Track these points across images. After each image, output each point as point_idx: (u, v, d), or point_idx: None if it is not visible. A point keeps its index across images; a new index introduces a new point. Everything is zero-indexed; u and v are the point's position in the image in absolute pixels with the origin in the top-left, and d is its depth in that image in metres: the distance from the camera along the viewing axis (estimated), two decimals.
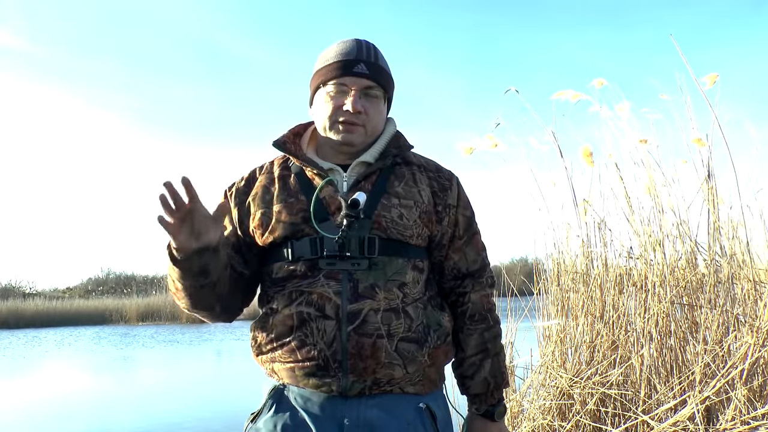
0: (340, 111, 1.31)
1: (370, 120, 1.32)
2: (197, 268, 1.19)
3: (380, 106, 1.35)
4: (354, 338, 1.20)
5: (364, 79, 1.31)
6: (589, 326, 3.06)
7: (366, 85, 1.31)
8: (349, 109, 1.29)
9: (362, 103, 1.31)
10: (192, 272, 1.20)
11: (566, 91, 3.26)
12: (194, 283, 1.22)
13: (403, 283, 1.26)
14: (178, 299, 1.29)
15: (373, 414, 1.22)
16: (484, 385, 1.37)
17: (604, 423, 2.75)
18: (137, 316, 21.11)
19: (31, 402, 6.89)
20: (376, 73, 1.33)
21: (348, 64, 1.31)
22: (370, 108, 1.32)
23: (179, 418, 5.67)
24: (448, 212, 1.36)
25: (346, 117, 1.30)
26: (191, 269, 1.19)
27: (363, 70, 1.31)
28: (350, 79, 1.30)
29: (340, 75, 1.31)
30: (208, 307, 1.30)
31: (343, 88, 1.31)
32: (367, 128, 1.33)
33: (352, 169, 1.33)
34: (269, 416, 1.25)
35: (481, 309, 1.38)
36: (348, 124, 1.31)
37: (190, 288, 1.23)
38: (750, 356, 2.49)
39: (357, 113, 1.30)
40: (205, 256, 1.17)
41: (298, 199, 1.29)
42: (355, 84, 1.30)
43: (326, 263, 1.23)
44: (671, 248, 3.02)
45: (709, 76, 3.05)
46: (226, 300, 1.31)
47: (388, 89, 1.36)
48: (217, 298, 1.28)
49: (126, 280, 28.54)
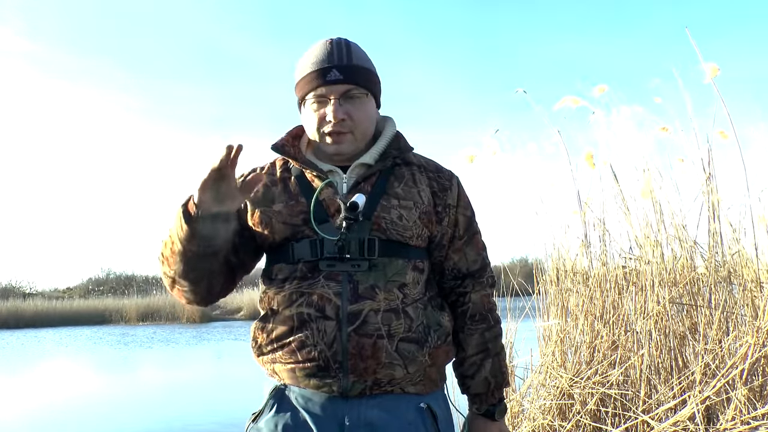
0: (324, 122, 1.30)
1: (357, 124, 1.31)
2: (207, 231, 1.18)
3: (365, 106, 1.32)
4: (354, 339, 1.20)
5: (340, 84, 1.29)
6: (589, 326, 3.07)
7: (343, 90, 1.29)
8: (331, 119, 1.28)
9: (345, 108, 1.29)
10: (200, 235, 1.18)
11: (567, 99, 3.26)
12: (197, 248, 1.20)
13: (404, 283, 1.26)
14: (170, 265, 1.26)
15: (373, 414, 1.22)
16: (484, 385, 1.37)
17: (604, 423, 2.76)
18: (137, 316, 21.12)
19: (30, 402, 6.89)
20: (352, 74, 1.30)
21: (321, 73, 1.29)
22: (354, 111, 1.30)
23: (179, 419, 5.67)
24: (448, 212, 1.36)
25: (332, 128, 1.29)
26: (201, 231, 1.17)
27: (336, 76, 1.28)
28: (326, 88, 1.28)
29: (316, 86, 1.29)
30: (197, 278, 1.28)
31: (322, 98, 1.29)
32: (356, 133, 1.31)
33: (352, 171, 1.33)
34: (270, 416, 1.26)
35: (482, 309, 1.38)
36: (335, 134, 1.30)
37: (190, 252, 1.22)
38: (750, 356, 2.49)
39: (341, 121, 1.28)
40: (218, 222, 1.17)
41: (298, 201, 1.29)
42: (332, 92, 1.28)
43: (326, 265, 1.23)
44: (670, 248, 3.03)
45: (710, 66, 2.95)
46: (215, 277, 1.30)
47: (369, 86, 1.33)
48: (210, 272, 1.27)
49: (126, 280, 28.53)
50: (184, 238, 1.19)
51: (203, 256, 1.23)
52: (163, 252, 1.28)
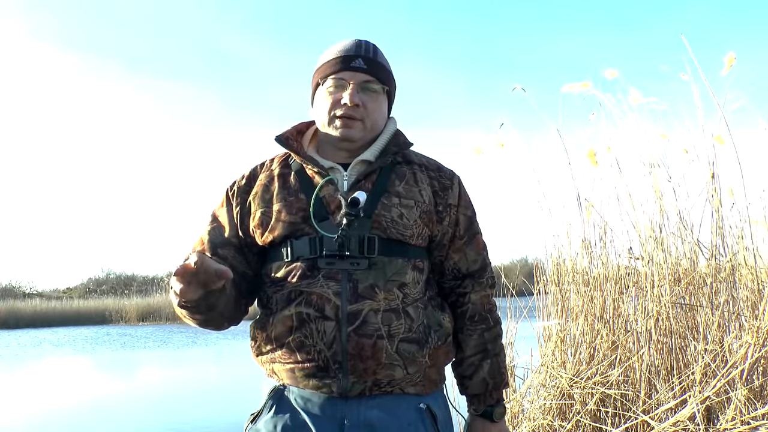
0: (338, 105, 1.31)
1: (369, 114, 1.32)
2: (204, 308, 1.21)
3: (379, 100, 1.35)
4: (354, 339, 1.19)
5: (362, 73, 1.31)
6: (589, 326, 3.06)
7: (364, 80, 1.32)
8: (347, 102, 1.29)
9: (361, 97, 1.31)
10: (199, 310, 1.21)
11: (575, 84, 3.23)
12: (201, 317, 1.25)
13: (403, 283, 1.25)
14: (187, 321, 1.30)
15: (373, 414, 1.22)
16: (482, 386, 1.37)
17: (604, 423, 2.75)
18: (137, 316, 21.11)
19: (30, 402, 6.89)
20: (374, 67, 1.33)
21: (346, 59, 1.32)
22: (368, 102, 1.32)
23: (178, 419, 5.67)
24: (449, 212, 1.36)
25: (345, 111, 1.30)
26: (198, 309, 1.21)
27: (360, 64, 1.32)
28: (348, 73, 1.31)
29: (338, 70, 1.31)
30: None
31: (342, 82, 1.31)
32: (366, 123, 1.32)
33: (353, 168, 1.32)
34: (269, 417, 1.25)
35: (482, 309, 1.38)
36: (346, 118, 1.31)
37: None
38: (750, 356, 2.48)
39: (355, 106, 1.30)
40: (211, 297, 1.18)
41: (298, 198, 1.29)
42: (353, 78, 1.31)
43: (325, 263, 1.23)
44: (673, 248, 3.02)
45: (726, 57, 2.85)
46: (233, 315, 1.34)
47: (387, 84, 1.36)
48: (225, 318, 1.31)
49: (126, 280, 28.51)
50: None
51: (212, 317, 1.26)
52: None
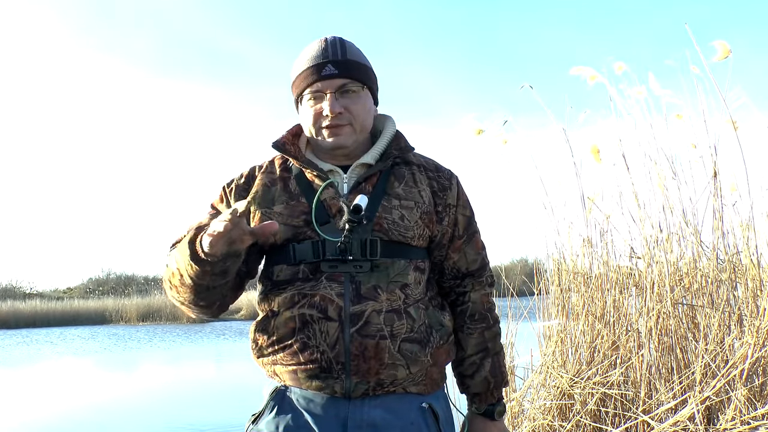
0: (320, 117, 1.30)
1: (355, 117, 1.31)
2: (219, 270, 1.16)
3: (362, 99, 1.33)
4: (357, 340, 1.20)
5: (336, 78, 1.29)
6: (589, 326, 3.06)
7: (339, 85, 1.29)
8: (327, 113, 1.28)
9: (341, 102, 1.29)
10: (213, 272, 1.17)
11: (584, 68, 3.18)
12: (210, 282, 1.19)
13: (405, 284, 1.26)
14: (179, 293, 1.24)
15: (376, 414, 1.22)
16: (484, 385, 1.38)
17: (604, 423, 2.75)
18: (137, 316, 21.13)
19: (29, 402, 6.89)
20: (347, 68, 1.30)
21: (316, 69, 1.30)
22: (351, 104, 1.30)
23: (178, 419, 5.67)
24: (448, 212, 1.36)
25: (329, 121, 1.29)
26: (213, 270, 1.16)
27: (331, 71, 1.29)
28: (322, 83, 1.29)
29: (312, 82, 1.30)
30: (209, 303, 1.27)
31: (318, 93, 1.30)
32: (355, 125, 1.31)
33: (353, 171, 1.32)
34: (271, 417, 1.25)
35: (481, 308, 1.39)
36: (332, 127, 1.30)
37: (200, 286, 1.20)
38: (750, 356, 2.48)
39: (338, 114, 1.29)
40: (229, 260, 1.15)
41: (300, 202, 1.29)
42: (329, 87, 1.29)
43: (328, 266, 1.23)
44: (675, 247, 3.01)
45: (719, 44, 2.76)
46: (226, 295, 1.29)
47: (364, 80, 1.33)
48: (222, 296, 1.27)
49: (126, 281, 28.55)
50: (193, 274, 1.17)
51: (217, 288, 1.22)
52: (170, 280, 1.25)
